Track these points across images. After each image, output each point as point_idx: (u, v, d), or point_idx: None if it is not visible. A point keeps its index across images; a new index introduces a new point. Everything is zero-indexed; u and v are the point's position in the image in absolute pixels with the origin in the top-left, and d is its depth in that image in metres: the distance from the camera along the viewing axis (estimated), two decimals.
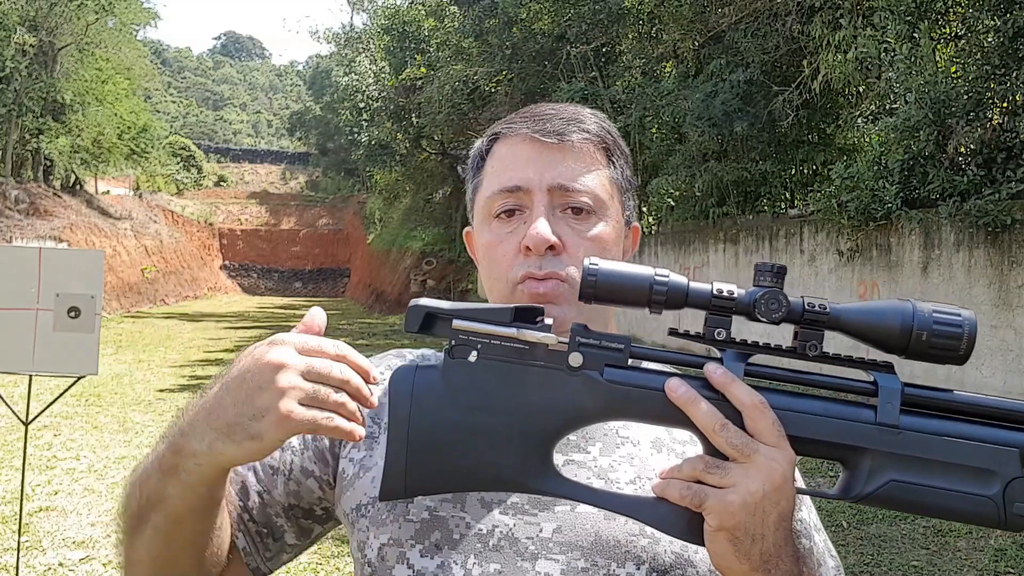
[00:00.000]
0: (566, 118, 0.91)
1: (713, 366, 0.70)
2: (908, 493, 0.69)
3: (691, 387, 0.70)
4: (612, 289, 0.70)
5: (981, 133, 7.18)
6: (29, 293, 3.81)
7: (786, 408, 0.70)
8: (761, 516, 0.68)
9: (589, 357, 0.71)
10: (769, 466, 0.68)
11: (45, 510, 5.43)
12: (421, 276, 26.92)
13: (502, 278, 0.90)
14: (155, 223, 33.74)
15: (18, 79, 24.52)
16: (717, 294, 0.70)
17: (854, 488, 0.70)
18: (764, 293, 0.69)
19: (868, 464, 0.69)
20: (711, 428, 0.69)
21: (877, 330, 0.69)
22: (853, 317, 0.70)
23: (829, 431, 0.70)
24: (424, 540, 0.82)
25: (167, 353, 14.96)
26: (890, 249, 8.17)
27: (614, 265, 0.70)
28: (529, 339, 0.71)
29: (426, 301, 0.73)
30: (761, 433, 0.68)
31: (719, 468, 0.69)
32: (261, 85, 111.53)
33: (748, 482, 0.68)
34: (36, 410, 4.15)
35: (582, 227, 0.89)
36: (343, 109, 30.92)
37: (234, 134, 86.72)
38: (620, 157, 0.95)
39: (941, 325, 0.67)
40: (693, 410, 0.69)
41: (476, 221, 0.97)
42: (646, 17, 12.78)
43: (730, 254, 11.19)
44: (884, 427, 0.69)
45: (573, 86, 13.74)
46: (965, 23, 7.93)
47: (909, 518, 5.10)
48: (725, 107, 10.55)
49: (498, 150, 0.94)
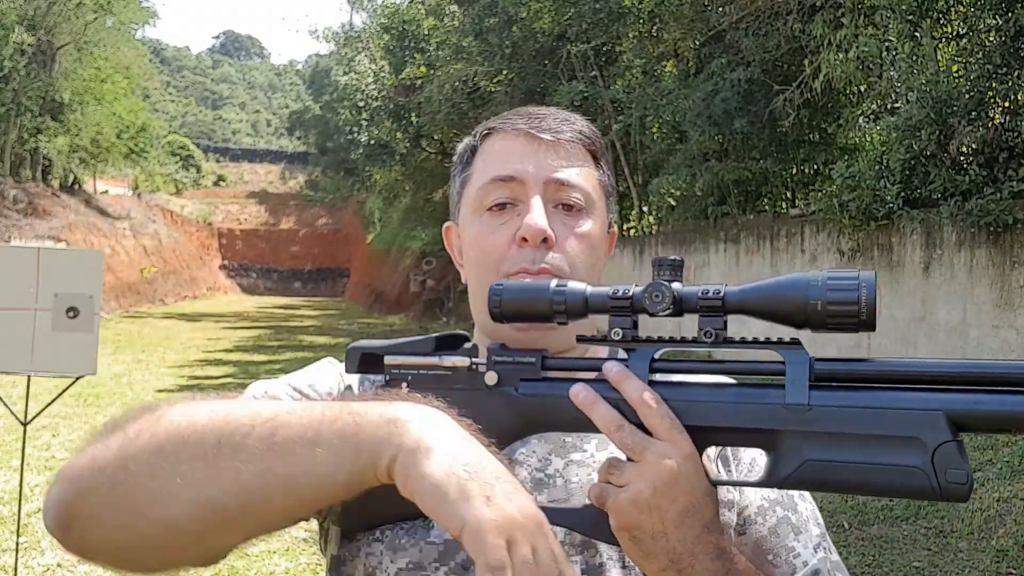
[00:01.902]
0: (560, 118, 0.93)
1: (609, 365, 0.71)
2: (826, 472, 0.66)
3: (592, 392, 0.70)
4: (516, 306, 0.72)
5: (983, 132, 7.17)
6: (27, 293, 3.80)
7: (690, 399, 0.69)
8: (658, 514, 0.67)
9: (504, 374, 0.73)
10: (658, 463, 0.67)
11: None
12: (421, 276, 26.90)
13: (493, 269, 0.89)
14: (154, 223, 33.72)
15: (16, 78, 24.50)
16: (613, 295, 0.70)
17: (773, 473, 0.68)
18: (648, 287, 0.69)
19: (783, 446, 0.67)
20: (609, 430, 0.69)
21: (774, 306, 0.67)
22: (748, 297, 0.68)
23: (735, 417, 0.68)
24: (450, 561, 0.80)
25: (166, 353, 14.93)
26: (891, 249, 8.16)
27: (516, 283, 0.73)
28: (448, 364, 0.74)
29: (362, 343, 0.77)
30: (654, 428, 0.68)
31: (617, 468, 0.69)
32: (260, 84, 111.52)
33: (637, 481, 0.67)
34: (35, 410, 4.13)
35: (573, 223, 0.90)
36: (342, 108, 30.90)
37: (233, 133, 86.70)
38: (605, 163, 0.97)
39: (835, 291, 0.64)
40: (592, 413, 0.69)
41: (464, 214, 0.96)
42: (647, 16, 12.77)
43: (731, 254, 11.18)
44: (792, 406, 0.66)
45: (573, 86, 13.72)
46: (967, 22, 7.92)
47: (911, 519, 5.08)
48: (726, 106, 10.54)
49: (490, 145, 0.94)
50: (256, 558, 4.69)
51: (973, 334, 7.07)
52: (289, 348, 17.02)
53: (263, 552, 4.76)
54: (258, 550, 4.77)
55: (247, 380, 4.54)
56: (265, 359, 14.86)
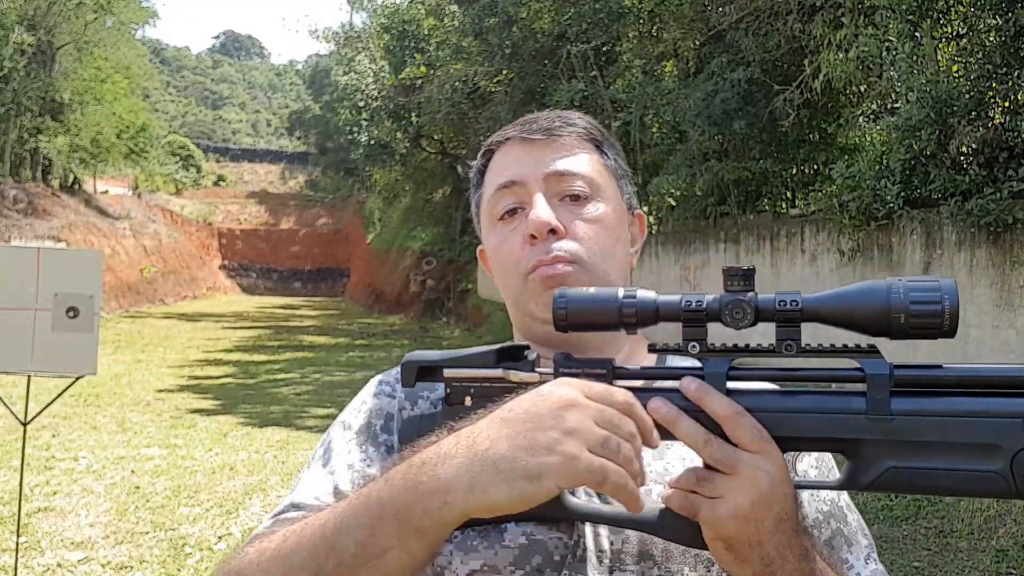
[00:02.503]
0: (552, 118, 0.95)
1: (687, 381, 0.71)
2: (908, 477, 0.67)
3: (672, 406, 0.70)
4: (584, 316, 0.71)
5: (983, 132, 7.16)
6: (27, 293, 3.80)
7: (772, 410, 0.70)
8: (754, 524, 0.69)
9: None
10: (754, 475, 0.68)
11: (43, 511, 5.41)
12: (421, 276, 26.89)
13: (511, 272, 0.91)
14: (154, 223, 33.71)
15: (16, 78, 24.49)
16: (686, 306, 0.70)
17: (855, 478, 0.69)
18: (729, 302, 0.69)
19: (865, 454, 0.68)
20: (696, 445, 0.70)
21: (855, 317, 0.67)
22: (826, 306, 0.68)
23: (819, 428, 0.69)
24: (525, 565, 0.81)
25: (166, 353, 14.93)
26: (891, 249, 8.15)
27: (582, 292, 0.72)
28: (515, 379, 0.74)
29: (417, 355, 0.76)
30: (743, 442, 0.69)
31: (708, 480, 0.69)
32: (260, 84, 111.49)
33: (735, 494, 0.68)
34: (35, 410, 4.13)
35: (582, 211, 0.90)
36: (342, 108, 30.89)
37: (233, 133, 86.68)
38: (611, 148, 0.97)
39: (919, 304, 0.65)
40: (677, 429, 0.70)
41: (483, 231, 0.98)
42: (647, 16, 12.76)
43: (731, 254, 11.18)
44: (875, 416, 0.68)
45: (573, 86, 13.71)
46: (967, 22, 7.92)
47: (911, 519, 5.09)
48: (725, 106, 10.53)
49: (494, 161, 0.96)
50: None
51: (973, 334, 7.07)
52: (289, 348, 17.02)
53: None
54: None
55: (247, 380, 4.58)
56: (265, 359, 14.86)
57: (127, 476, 6.33)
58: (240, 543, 4.78)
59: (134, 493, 5.89)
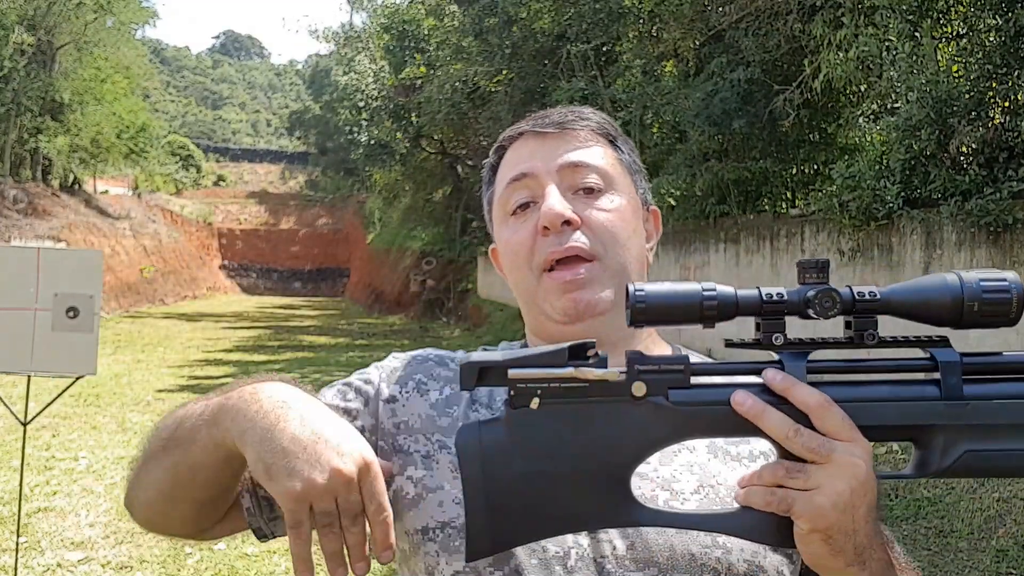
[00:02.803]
0: (565, 112, 0.94)
1: (772, 372, 0.71)
2: (984, 460, 0.70)
3: (756, 399, 0.70)
4: (662, 310, 0.70)
5: (983, 132, 7.16)
6: (27, 293, 3.80)
7: (852, 399, 0.71)
8: (851, 512, 0.69)
9: (651, 384, 0.71)
10: (851, 462, 0.68)
11: (43, 511, 5.41)
12: (421, 276, 26.90)
13: (523, 266, 0.89)
14: (154, 223, 33.72)
15: (16, 78, 24.49)
16: (767, 299, 0.70)
17: (930, 465, 0.71)
18: (817, 292, 0.69)
19: (940, 440, 0.70)
20: (784, 436, 0.69)
21: (929, 308, 0.70)
22: (903, 298, 0.71)
23: (899, 415, 0.71)
24: (504, 567, 0.81)
25: (166, 353, 14.93)
26: (891, 249, 8.15)
27: (660, 286, 0.71)
28: (590, 377, 0.70)
29: (477, 356, 0.72)
30: (833, 431, 0.69)
31: (801, 472, 0.69)
32: (260, 84, 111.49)
33: (834, 482, 0.68)
34: (35, 410, 4.13)
35: (597, 203, 0.89)
36: (342, 108, 30.89)
37: (233, 133, 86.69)
38: (625, 143, 0.96)
39: (990, 293, 0.68)
40: (763, 421, 0.69)
41: (495, 227, 0.96)
42: (646, 16, 12.76)
43: (731, 254, 11.18)
44: (951, 401, 0.70)
45: (573, 85, 13.71)
46: (967, 22, 7.92)
47: (911, 519, 5.09)
48: (725, 106, 10.53)
49: (506, 156, 0.95)
50: (256, 558, 4.69)
51: (973, 333, 7.05)
52: (289, 348, 17.02)
53: (263, 552, 4.76)
54: (258, 550, 4.77)
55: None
56: (265, 359, 14.86)
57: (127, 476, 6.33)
58: (240, 543, 4.74)
59: None
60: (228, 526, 0.92)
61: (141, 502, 0.90)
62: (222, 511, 0.90)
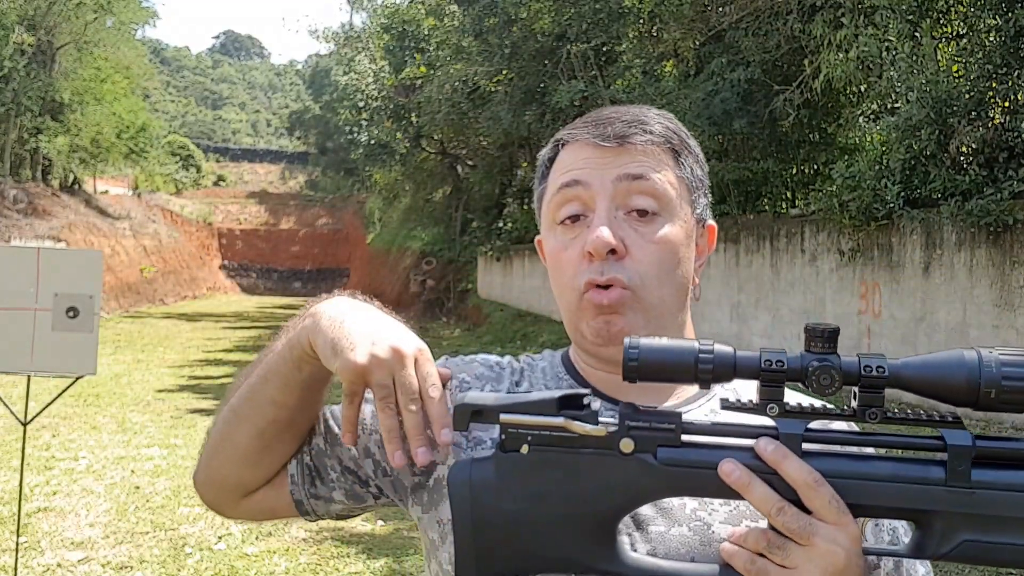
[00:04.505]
0: (628, 120, 0.89)
1: (764, 442, 0.68)
2: (983, 551, 0.66)
3: (744, 470, 0.68)
4: (656, 367, 0.69)
5: (983, 132, 7.16)
6: (27, 293, 3.79)
7: (848, 476, 0.67)
8: None
9: (640, 441, 0.70)
10: (830, 550, 0.66)
11: (43, 511, 5.41)
12: (421, 276, 26.91)
13: (568, 286, 0.89)
14: (154, 223, 33.73)
15: (16, 78, 24.49)
16: (766, 365, 0.67)
17: (927, 548, 0.67)
18: (818, 368, 0.66)
19: (940, 525, 0.66)
20: (769, 512, 0.68)
21: (941, 388, 0.65)
22: (914, 374, 0.66)
23: (899, 497, 0.67)
24: None
25: (166, 353, 14.93)
26: (891, 249, 8.15)
27: (656, 343, 0.69)
28: (578, 431, 0.70)
29: (472, 398, 0.74)
30: (820, 512, 0.66)
31: (780, 548, 0.67)
32: (260, 84, 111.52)
33: (808, 567, 0.66)
34: (35, 410, 4.13)
35: (647, 230, 0.87)
36: (342, 108, 30.91)
37: (233, 133, 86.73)
38: (689, 156, 0.92)
39: (1011, 380, 0.63)
40: (749, 494, 0.68)
41: (543, 228, 0.95)
42: (646, 16, 12.76)
43: (731, 254, 11.18)
44: (955, 488, 0.66)
45: (573, 86, 13.72)
46: (967, 22, 7.92)
47: None
48: (725, 106, 10.53)
49: (562, 155, 0.92)
50: (256, 558, 4.69)
51: (973, 334, 7.07)
52: None
53: (263, 552, 4.76)
54: (258, 550, 4.78)
55: None
56: None
57: (127, 476, 6.33)
58: (240, 543, 4.74)
59: (134, 493, 5.89)
60: (272, 494, 0.94)
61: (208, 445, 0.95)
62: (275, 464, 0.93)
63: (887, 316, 8.18)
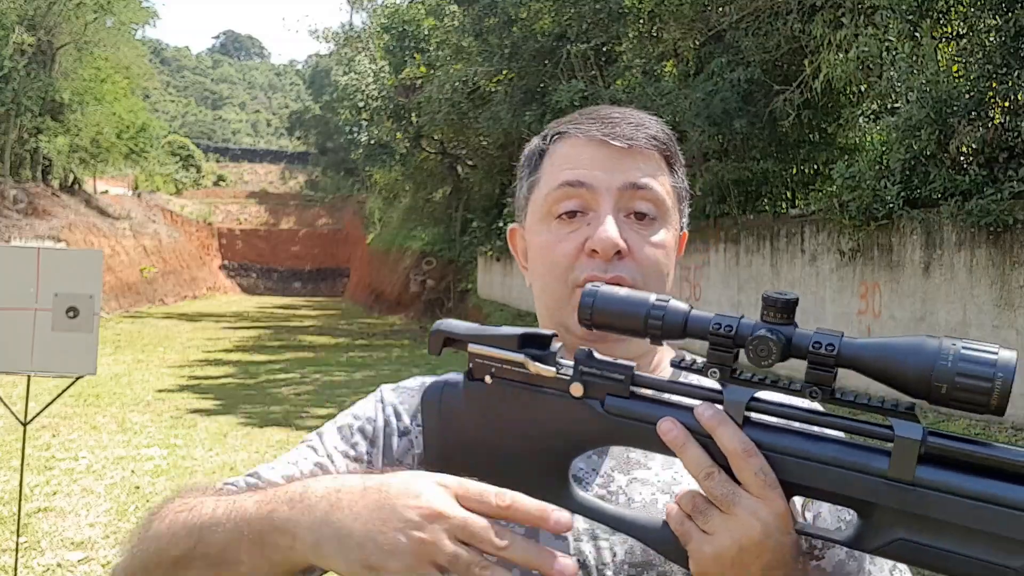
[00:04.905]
0: (634, 123, 0.90)
1: (703, 407, 0.67)
2: (916, 553, 0.61)
3: (682, 430, 0.67)
4: (608, 316, 0.69)
5: (983, 132, 7.16)
6: (27, 293, 3.80)
7: (787, 452, 0.65)
8: (740, 569, 0.66)
9: (591, 386, 0.71)
10: (748, 521, 0.64)
11: (43, 511, 5.41)
12: (421, 276, 26.91)
13: (561, 279, 0.88)
14: (154, 223, 33.73)
15: (16, 78, 24.50)
16: (715, 328, 0.65)
17: (864, 540, 0.64)
18: (754, 339, 0.64)
19: (876, 518, 0.62)
20: (697, 475, 0.66)
21: (894, 374, 0.61)
22: (869, 356, 0.62)
23: (834, 481, 0.63)
24: None
25: (166, 353, 14.93)
26: (891, 249, 8.16)
27: (614, 291, 0.69)
28: (532, 370, 0.72)
29: (446, 324, 0.76)
30: (746, 482, 0.65)
31: (703, 513, 0.67)
32: (260, 84, 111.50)
33: (724, 535, 0.65)
34: (35, 410, 4.13)
35: (647, 232, 0.88)
36: (342, 108, 30.90)
37: (233, 133, 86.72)
38: (679, 165, 0.94)
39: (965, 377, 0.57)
40: (682, 454, 0.67)
41: (531, 220, 0.94)
42: (646, 16, 12.77)
43: (731, 254, 11.18)
44: (894, 483, 0.61)
45: (573, 86, 13.72)
46: (967, 22, 7.92)
47: None
48: (725, 106, 10.53)
49: (560, 148, 0.92)
50: None
51: (973, 334, 7.07)
52: (289, 348, 17.02)
53: None
54: None
55: (247, 380, 4.56)
56: (265, 359, 14.86)
57: (127, 476, 6.33)
58: None
59: (134, 493, 5.89)
60: None
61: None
62: None
63: (887, 316, 8.18)
